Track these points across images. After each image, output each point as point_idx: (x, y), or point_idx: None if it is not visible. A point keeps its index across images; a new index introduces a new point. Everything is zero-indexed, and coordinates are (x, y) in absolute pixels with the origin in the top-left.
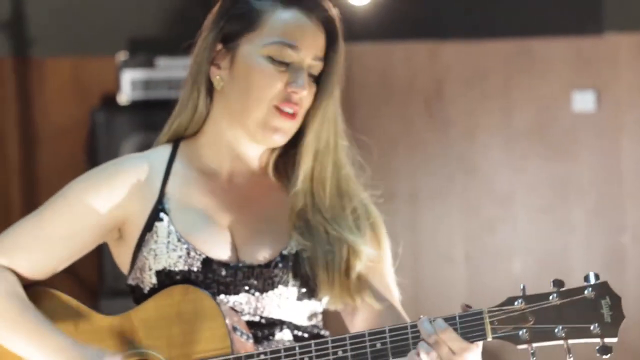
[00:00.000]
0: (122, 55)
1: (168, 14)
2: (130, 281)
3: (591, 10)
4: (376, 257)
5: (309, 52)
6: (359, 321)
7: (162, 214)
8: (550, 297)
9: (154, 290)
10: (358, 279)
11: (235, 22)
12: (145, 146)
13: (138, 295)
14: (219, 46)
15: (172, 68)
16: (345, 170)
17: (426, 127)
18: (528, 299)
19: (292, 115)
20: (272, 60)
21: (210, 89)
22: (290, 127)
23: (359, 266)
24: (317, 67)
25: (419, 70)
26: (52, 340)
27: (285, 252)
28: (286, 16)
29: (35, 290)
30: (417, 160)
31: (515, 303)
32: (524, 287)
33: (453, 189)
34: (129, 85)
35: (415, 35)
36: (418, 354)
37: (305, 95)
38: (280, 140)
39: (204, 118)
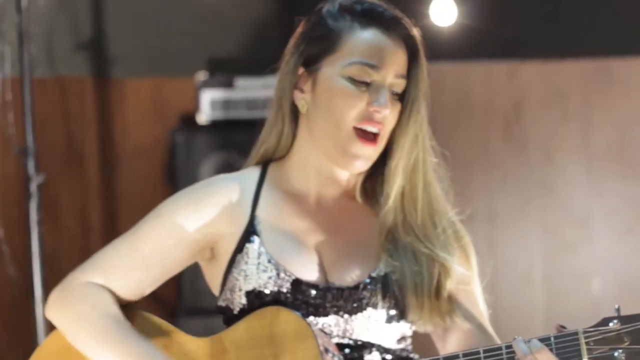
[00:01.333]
0: (201, 76)
1: (247, 34)
2: (221, 302)
3: None
4: (466, 277)
5: (390, 70)
6: (450, 342)
7: (252, 236)
8: None
9: (243, 311)
10: (448, 299)
11: (315, 45)
12: (224, 165)
13: (228, 317)
14: (301, 70)
15: (251, 88)
16: (435, 187)
17: (504, 147)
18: (623, 319)
19: (374, 140)
20: (353, 80)
21: (296, 113)
22: (371, 153)
23: (449, 285)
24: (399, 84)
25: (498, 90)
26: (147, 357)
27: (374, 274)
28: (365, 36)
29: (125, 312)
30: (495, 180)
31: (611, 324)
32: (618, 307)
33: (531, 209)
34: (209, 105)
35: (494, 55)
36: None
37: (387, 114)
38: (362, 166)
39: (291, 141)
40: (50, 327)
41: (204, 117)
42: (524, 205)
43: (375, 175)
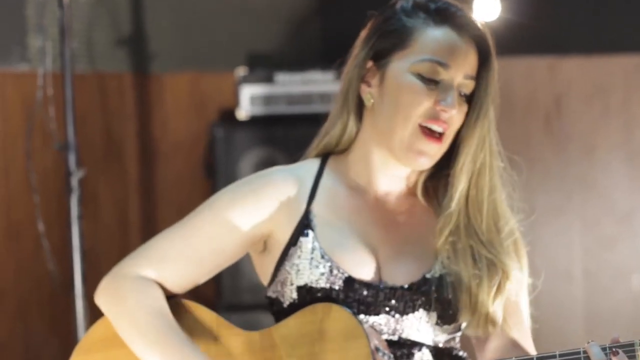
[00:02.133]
0: (241, 71)
1: (287, 29)
2: (270, 293)
3: None
4: (519, 289)
5: (460, 70)
6: (490, 351)
7: (307, 230)
8: None
9: (293, 305)
10: (500, 306)
11: (386, 39)
12: (263, 161)
13: (277, 309)
14: (370, 63)
15: (291, 83)
16: (500, 193)
17: (545, 142)
18: None
19: (439, 138)
20: (422, 78)
21: (361, 107)
22: (436, 151)
23: (509, 291)
24: (468, 85)
25: (539, 85)
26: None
27: (428, 276)
28: (437, 34)
29: (176, 303)
30: (536, 176)
31: None
32: None
33: (572, 205)
34: (248, 100)
35: (535, 50)
36: None
37: (454, 114)
38: (426, 163)
39: (354, 135)
40: (90, 323)
41: (243, 112)
42: (564, 201)
43: (439, 176)
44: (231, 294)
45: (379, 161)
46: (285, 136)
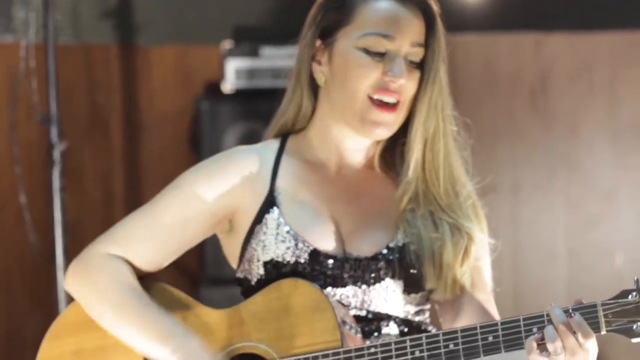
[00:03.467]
0: (226, 44)
1: (273, 3)
2: (239, 274)
3: None
4: (480, 252)
5: (405, 39)
6: (455, 315)
7: (272, 206)
8: None
9: (261, 282)
10: (468, 270)
11: (330, 17)
12: (248, 135)
13: (246, 288)
14: (318, 42)
15: (277, 57)
16: (456, 156)
17: (530, 119)
18: None
19: (393, 107)
20: (367, 51)
21: (315, 85)
22: (391, 120)
23: (474, 253)
24: (416, 53)
25: (524, 61)
26: (165, 329)
27: (392, 245)
28: (379, 6)
29: (143, 283)
30: (520, 152)
31: (630, 296)
32: (637, 279)
33: (556, 183)
34: (233, 74)
35: (520, 26)
36: (537, 343)
37: (403, 82)
38: (384, 133)
39: (310, 114)
40: (71, 295)
41: (228, 85)
42: (548, 178)
43: (394, 146)
44: (214, 269)
45: (338, 136)
46: (270, 110)
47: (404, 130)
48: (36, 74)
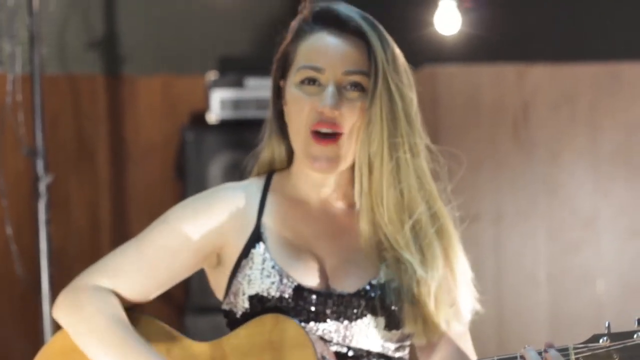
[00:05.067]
0: (212, 75)
1: (258, 34)
2: (225, 306)
3: None
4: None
5: (336, 69)
6: (433, 353)
7: (258, 242)
8: (635, 336)
9: (246, 315)
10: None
11: (282, 60)
12: (233, 164)
13: (231, 320)
14: (282, 83)
15: (261, 88)
16: (407, 180)
17: (512, 148)
18: (613, 336)
19: (332, 139)
20: (301, 86)
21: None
22: (331, 153)
23: (425, 295)
24: (352, 79)
25: (507, 91)
26: None
27: (374, 282)
28: (310, 41)
29: (130, 316)
30: (503, 180)
31: (600, 340)
32: (609, 324)
33: (537, 210)
34: (219, 104)
35: (503, 58)
36: None
37: (338, 113)
38: (324, 166)
39: (285, 154)
40: (57, 324)
41: (213, 116)
42: (530, 206)
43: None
44: (200, 297)
45: (309, 173)
46: (255, 140)
47: None
48: (22, 107)
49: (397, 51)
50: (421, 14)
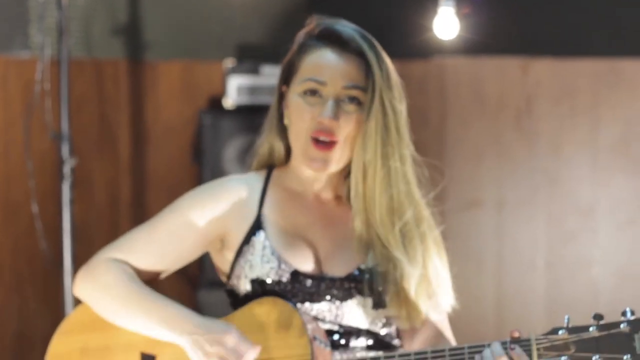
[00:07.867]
0: (229, 62)
1: (274, 23)
2: (229, 287)
3: None
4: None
5: (337, 83)
6: (416, 343)
7: (259, 230)
8: (590, 329)
9: (247, 296)
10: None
11: (287, 68)
12: (247, 148)
13: (234, 299)
14: (285, 88)
15: (276, 76)
16: (397, 186)
17: (514, 139)
18: (571, 330)
19: (328, 146)
20: (304, 97)
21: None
22: (327, 157)
23: (408, 288)
24: (352, 93)
25: (510, 85)
26: (176, 313)
27: (362, 267)
28: (315, 56)
29: None
30: (505, 169)
31: (559, 333)
32: (568, 318)
33: (537, 198)
34: (235, 90)
35: (507, 51)
36: None
37: (336, 124)
38: (320, 167)
39: (284, 151)
40: (78, 298)
41: (230, 101)
42: (531, 195)
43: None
44: (213, 272)
45: (304, 170)
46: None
47: None
48: (50, 93)
49: (391, 67)
50: (416, 22)
